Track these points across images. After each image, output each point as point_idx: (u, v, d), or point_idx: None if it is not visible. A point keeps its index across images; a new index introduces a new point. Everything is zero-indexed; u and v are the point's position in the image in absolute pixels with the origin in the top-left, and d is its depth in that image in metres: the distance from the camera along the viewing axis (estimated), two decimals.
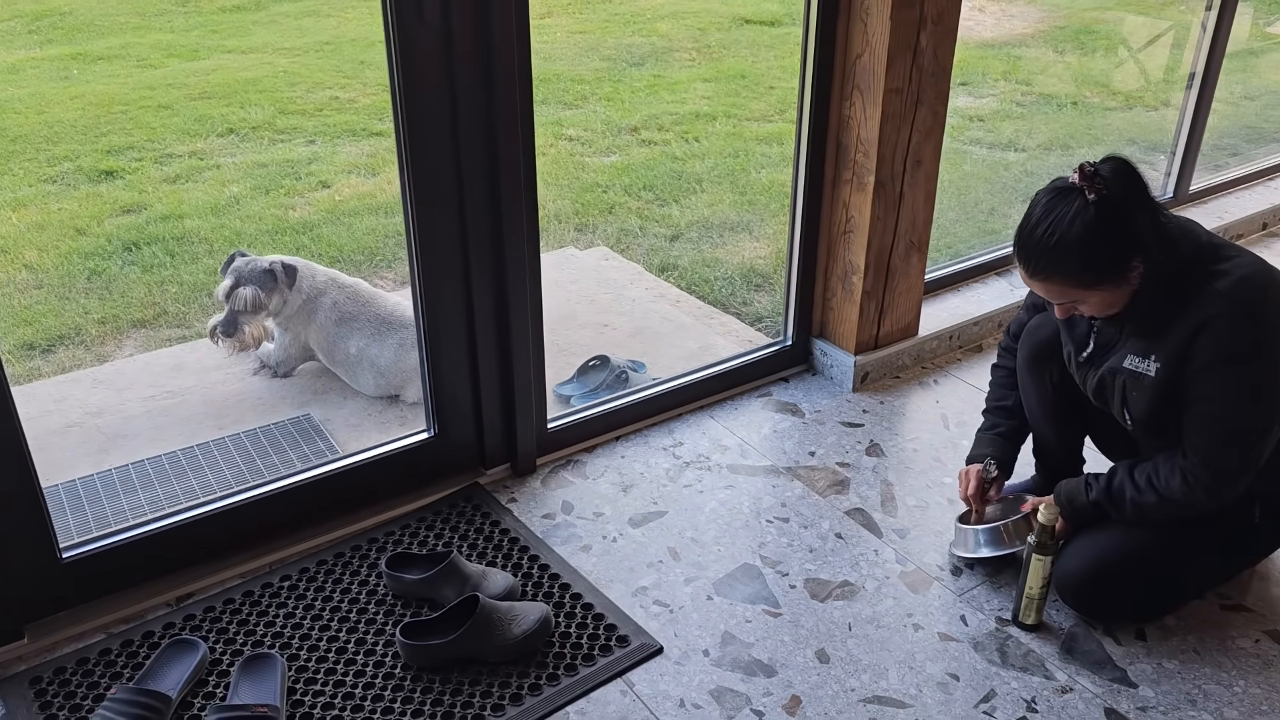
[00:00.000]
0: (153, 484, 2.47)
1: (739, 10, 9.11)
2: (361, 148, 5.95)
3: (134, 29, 8.42)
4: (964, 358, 2.99)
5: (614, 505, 2.38)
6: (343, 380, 2.88)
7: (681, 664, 1.96)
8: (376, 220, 4.93)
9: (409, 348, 2.75)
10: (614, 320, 3.29)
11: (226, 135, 6.13)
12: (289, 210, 5.08)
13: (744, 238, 4.61)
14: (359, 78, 7.31)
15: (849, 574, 2.19)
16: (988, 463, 2.18)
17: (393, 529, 2.29)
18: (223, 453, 2.58)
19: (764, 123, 6.28)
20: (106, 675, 1.92)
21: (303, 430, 2.68)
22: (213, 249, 4.52)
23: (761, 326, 3.53)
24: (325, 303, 2.82)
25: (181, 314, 3.84)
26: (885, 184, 2.58)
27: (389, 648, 1.99)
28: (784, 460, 2.54)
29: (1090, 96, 6.52)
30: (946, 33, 2.50)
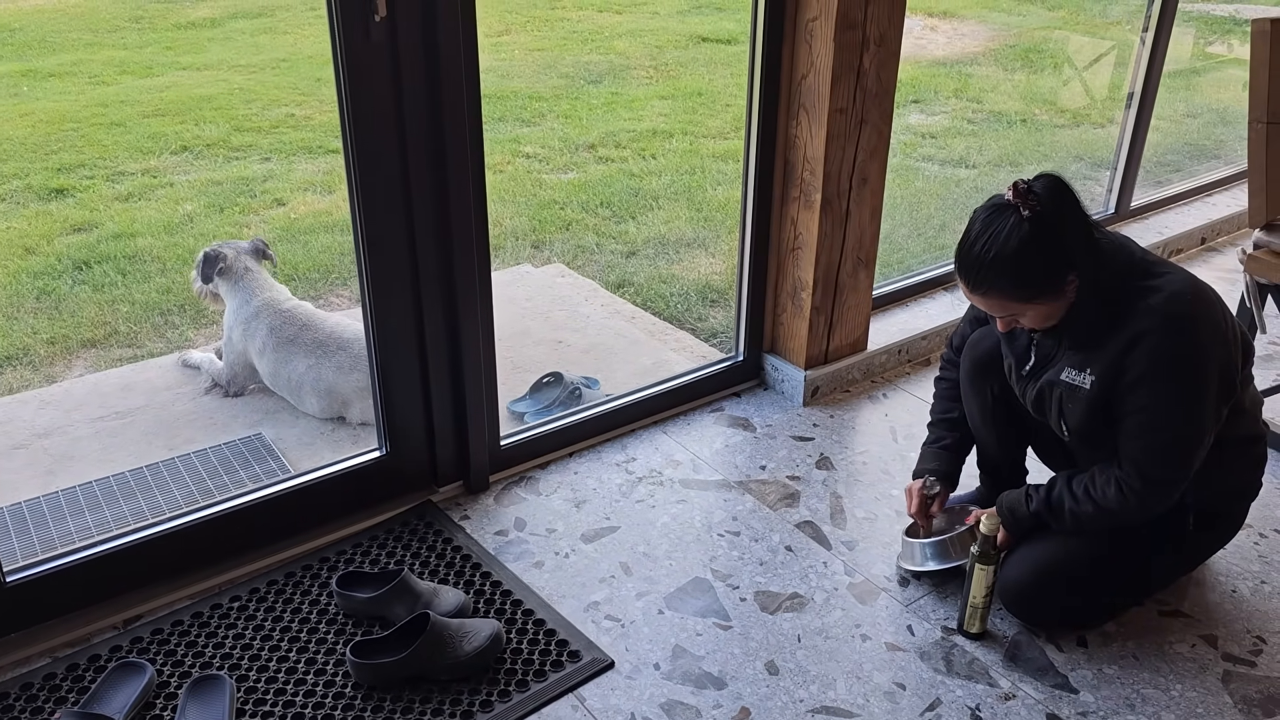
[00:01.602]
0: (100, 506, 2.44)
1: (696, 28, 9.20)
2: (317, 165, 5.94)
3: (86, 45, 8.34)
4: (912, 371, 3.04)
5: (566, 521, 2.39)
6: None
7: (632, 678, 1.98)
8: (332, 238, 4.92)
9: (349, 369, 2.75)
10: (568, 337, 3.31)
11: (180, 153, 6.09)
12: (243, 228, 5.06)
13: (700, 254, 4.65)
14: (315, 95, 7.29)
15: (798, 586, 2.21)
16: (928, 480, 2.22)
17: (344, 548, 2.29)
18: (173, 473, 2.57)
19: (720, 140, 6.34)
20: (51, 699, 1.90)
21: (254, 450, 2.66)
22: (165, 267, 4.49)
23: (716, 342, 3.56)
24: (262, 328, 2.82)
25: (133, 333, 3.81)
26: (832, 201, 2.63)
27: (339, 667, 1.98)
28: (735, 474, 2.57)
29: (1039, 114, 6.65)
30: (889, 55, 2.55)
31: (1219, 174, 4.36)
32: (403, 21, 1.99)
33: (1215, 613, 2.14)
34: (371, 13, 1.95)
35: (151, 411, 2.86)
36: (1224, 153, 5.82)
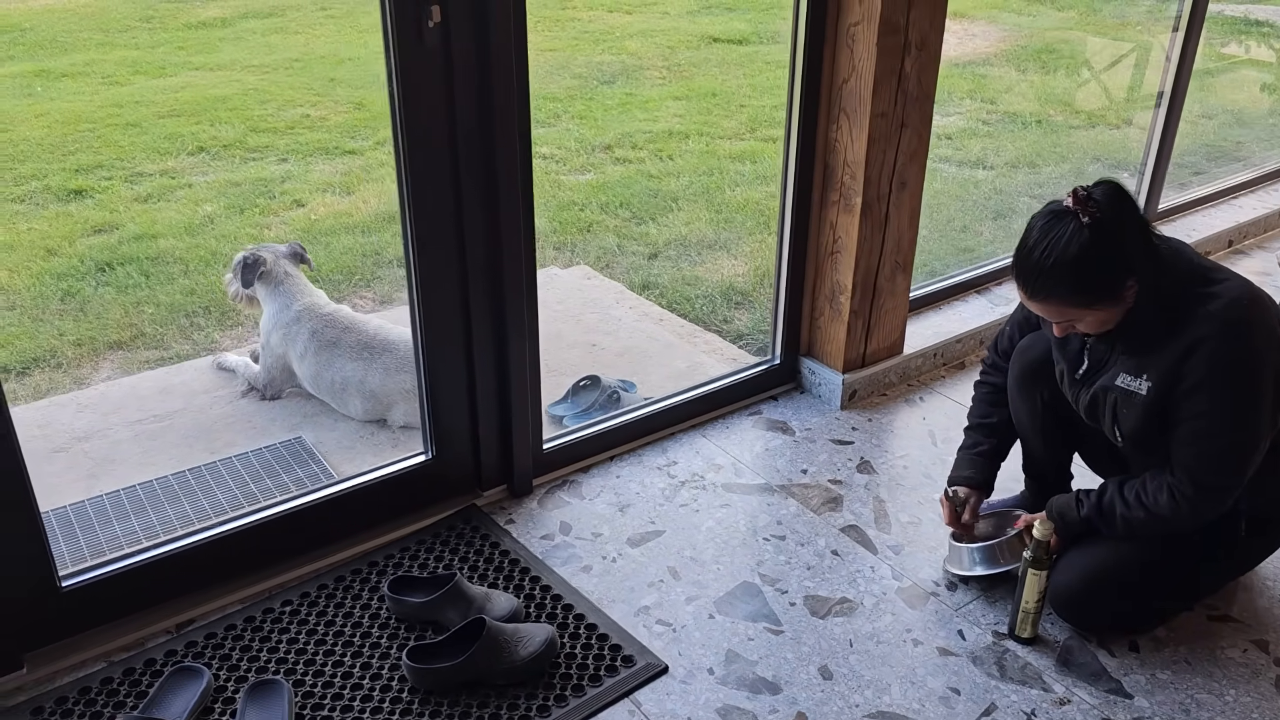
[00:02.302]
0: (145, 510, 2.45)
1: (707, 29, 9.19)
2: (335, 166, 5.94)
3: (98, 45, 8.34)
4: (947, 375, 3.04)
5: (612, 525, 2.40)
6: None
7: (687, 683, 1.98)
8: (354, 239, 4.92)
9: (395, 371, 2.76)
10: (601, 340, 3.31)
11: (197, 154, 6.09)
12: (264, 229, 5.05)
13: (722, 256, 4.66)
14: (330, 95, 7.29)
15: (847, 590, 2.22)
16: (954, 491, 2.23)
17: (392, 551, 2.29)
18: (215, 477, 2.57)
19: (736, 140, 6.34)
20: (110, 704, 1.90)
21: (295, 453, 2.67)
22: (188, 269, 4.49)
23: (743, 344, 3.57)
24: (303, 332, 2.82)
25: (159, 335, 3.81)
26: (872, 205, 2.63)
27: (394, 671, 1.99)
28: (777, 478, 2.57)
29: (1054, 115, 6.65)
30: (930, 59, 2.55)
31: (1244, 176, 4.36)
32: (456, 27, 1.99)
33: (1265, 618, 2.15)
34: (425, 18, 1.95)
35: (190, 415, 2.87)
36: (1243, 154, 5.82)
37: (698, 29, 9.14)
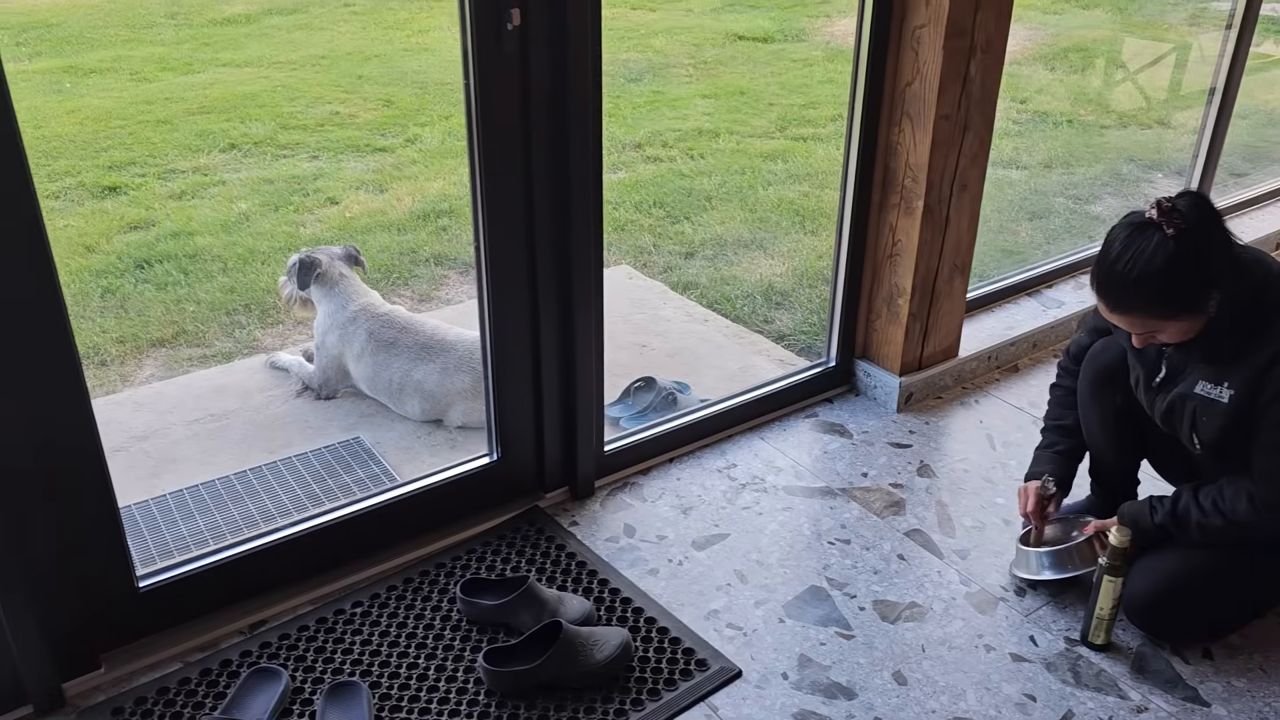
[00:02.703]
0: (209, 509, 2.46)
1: (731, 26, 9.18)
2: (366, 163, 5.95)
3: (124, 42, 8.36)
4: (1002, 378, 3.04)
5: (675, 528, 2.40)
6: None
7: (762, 688, 1.98)
8: (389, 238, 4.93)
9: (454, 371, 2.76)
10: (651, 340, 3.31)
11: (229, 151, 6.10)
12: (300, 227, 5.06)
13: (759, 255, 4.65)
14: (358, 92, 7.30)
15: (915, 595, 2.22)
16: (1046, 479, 2.22)
17: (458, 553, 2.30)
18: (276, 477, 2.58)
19: (766, 139, 6.33)
20: (188, 705, 1.91)
21: (354, 453, 2.67)
22: (226, 266, 4.50)
23: (786, 344, 3.57)
24: (360, 333, 2.83)
25: (201, 333, 3.82)
26: (933, 208, 2.62)
27: (470, 674, 1.99)
28: (838, 481, 2.57)
29: (1085, 115, 6.63)
30: (994, 61, 2.55)
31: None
32: (534, 30, 1.99)
33: None
34: (505, 22, 1.95)
35: (246, 414, 2.87)
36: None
37: (722, 26, 9.13)
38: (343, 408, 2.91)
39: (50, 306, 1.69)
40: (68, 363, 1.73)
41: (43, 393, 1.72)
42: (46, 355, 1.71)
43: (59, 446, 1.77)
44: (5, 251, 1.62)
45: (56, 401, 1.74)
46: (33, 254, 1.65)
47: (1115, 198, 5.23)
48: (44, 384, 1.72)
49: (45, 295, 1.68)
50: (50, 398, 1.73)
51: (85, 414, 1.79)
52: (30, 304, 1.67)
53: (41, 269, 1.66)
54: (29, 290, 1.66)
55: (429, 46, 8.63)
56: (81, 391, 1.77)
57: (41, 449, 1.75)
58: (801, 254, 4.63)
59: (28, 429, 1.73)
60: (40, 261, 1.65)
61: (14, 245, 1.62)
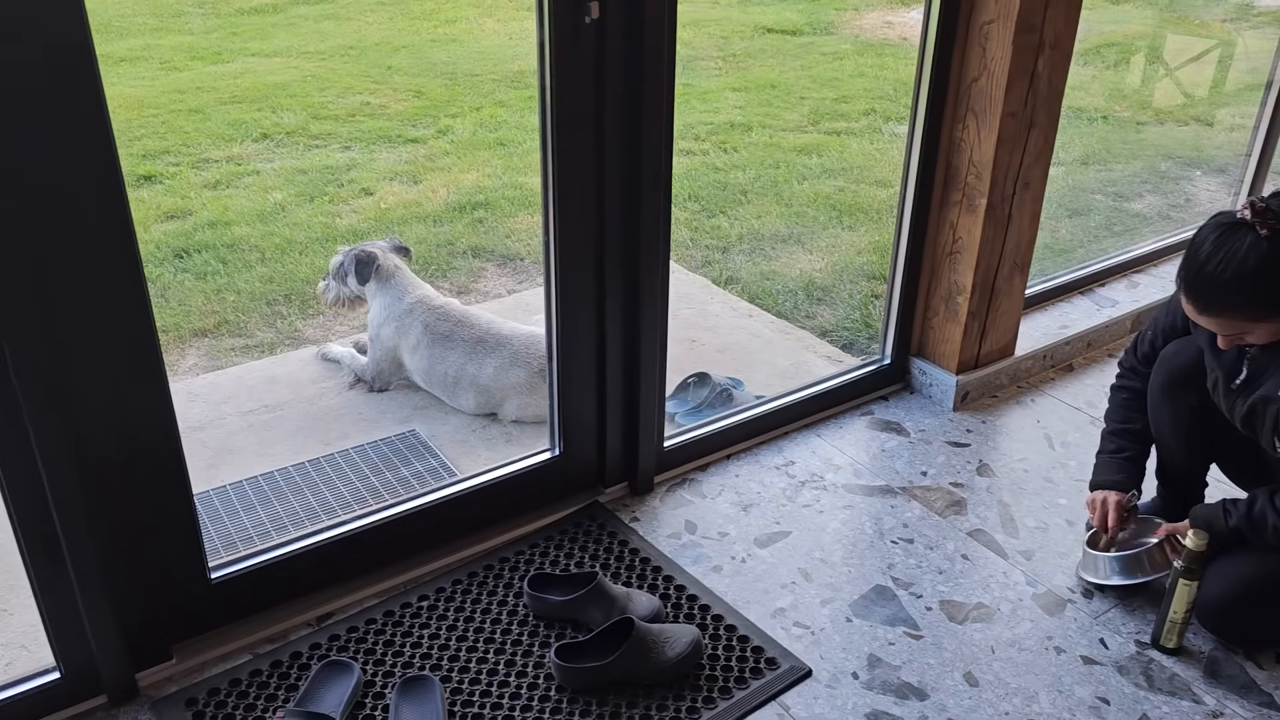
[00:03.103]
0: (270, 501, 2.46)
1: (759, 19, 9.14)
2: (399, 154, 5.94)
3: (152, 30, 8.36)
4: (1056, 377, 3.02)
5: (737, 525, 2.39)
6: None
7: (833, 687, 1.97)
8: (426, 229, 4.93)
9: (509, 366, 2.75)
10: (700, 335, 3.30)
11: (261, 140, 6.10)
12: (335, 218, 5.06)
13: (796, 250, 4.63)
14: (387, 83, 7.30)
15: (982, 596, 2.20)
16: (1132, 493, 2.20)
17: (521, 547, 2.29)
18: (334, 469, 2.57)
19: (799, 133, 6.30)
20: (261, 696, 1.91)
21: (411, 446, 2.67)
22: (264, 256, 4.51)
23: (829, 340, 3.55)
24: (416, 325, 2.82)
25: (242, 323, 3.82)
26: (996, 206, 2.60)
27: (539, 669, 1.99)
28: (898, 480, 2.55)
29: (1120, 111, 6.59)
30: (1062, 57, 2.52)
31: None
32: (611, 24, 1.97)
33: None
34: (584, 15, 1.94)
35: (299, 406, 2.87)
36: None
37: (749, 19, 9.09)
38: (396, 400, 2.91)
39: (136, 297, 1.68)
40: (151, 352, 1.73)
41: (129, 383, 1.72)
42: (132, 345, 1.71)
43: (141, 436, 1.77)
44: (100, 245, 1.61)
45: (140, 392, 1.74)
46: (122, 247, 1.64)
47: (1155, 195, 5.19)
48: (130, 374, 1.72)
49: (132, 286, 1.68)
50: (135, 388, 1.73)
51: (165, 403, 1.79)
52: (119, 295, 1.67)
53: (131, 262, 1.66)
54: (120, 282, 1.65)
55: (456, 37, 8.62)
56: (162, 381, 1.77)
57: (125, 438, 1.75)
58: (840, 250, 4.61)
59: (115, 418, 1.72)
60: (130, 255, 1.65)
61: (107, 239, 1.62)
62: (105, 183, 1.59)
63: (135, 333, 1.70)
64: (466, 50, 8.26)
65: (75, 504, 1.70)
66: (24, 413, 1.60)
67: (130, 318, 1.69)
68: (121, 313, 1.67)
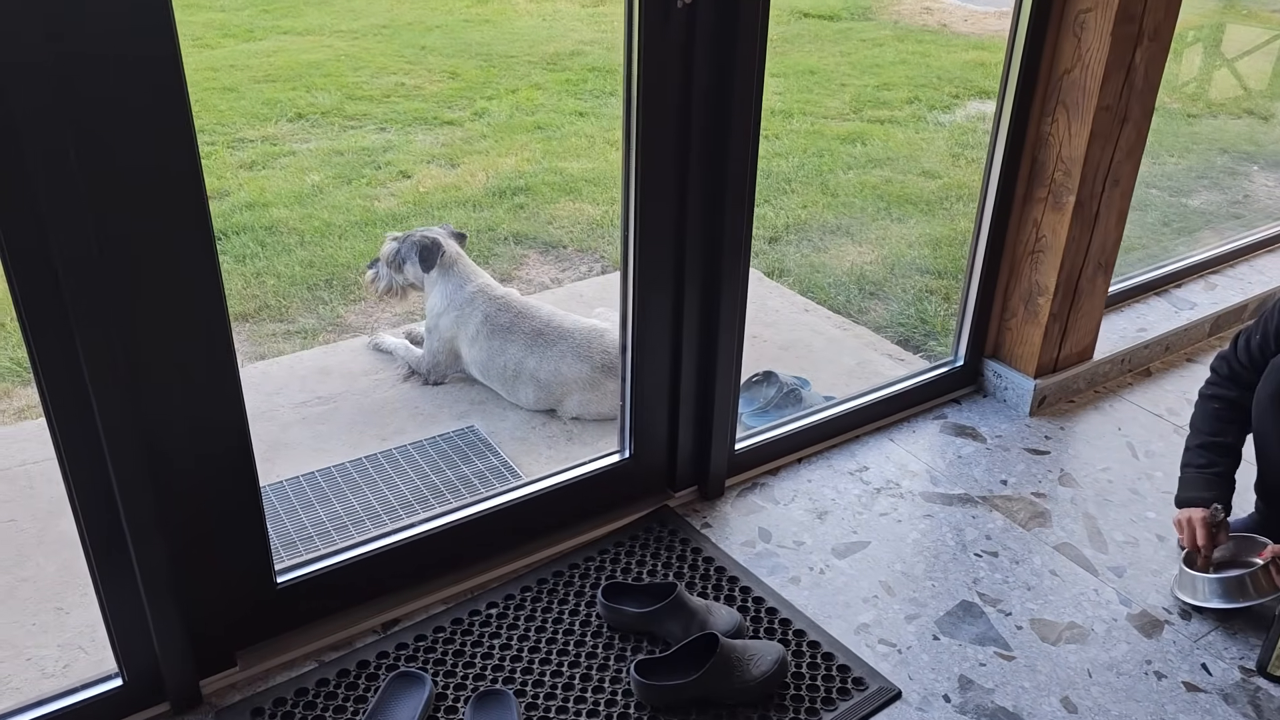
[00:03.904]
0: (328, 498, 2.38)
1: (797, 3, 8.99)
2: (435, 137, 5.85)
3: (183, 6, 8.20)
4: (1133, 382, 2.91)
5: (813, 534, 2.30)
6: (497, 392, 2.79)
7: (924, 710, 1.88)
8: (465, 214, 4.84)
9: (572, 359, 2.66)
10: (761, 331, 3.20)
11: (296, 120, 6.02)
12: (373, 201, 4.98)
13: (845, 242, 4.53)
14: (422, 63, 7.20)
15: (1074, 615, 2.11)
16: (1215, 508, 2.10)
17: (590, 553, 2.21)
18: (393, 465, 2.49)
19: (842, 121, 6.18)
20: (329, 708, 1.83)
21: (470, 443, 2.58)
22: (303, 240, 4.43)
23: (885, 334, 3.45)
24: (476, 316, 2.73)
25: (283, 307, 3.75)
26: (1084, 203, 2.49)
27: (616, 684, 1.90)
28: (977, 489, 2.46)
29: (1170, 103, 6.43)
30: (1160, 49, 2.41)
31: None
32: (702, 12, 1.87)
33: None
34: (675, 0, 1.84)
35: (353, 398, 2.79)
36: None
37: (787, 2, 8.94)
38: (452, 394, 2.82)
39: (210, 282, 1.59)
40: (223, 337, 1.64)
41: (203, 370, 1.63)
42: (208, 329, 1.62)
43: (212, 427, 1.68)
44: (179, 231, 1.53)
45: (212, 380, 1.65)
46: (200, 232, 1.55)
47: (1212, 191, 5.06)
48: (205, 360, 1.63)
49: (208, 272, 1.59)
50: (207, 376, 1.64)
51: (236, 393, 1.70)
52: (195, 281, 1.58)
53: (207, 247, 1.57)
54: (197, 267, 1.57)
55: (489, 18, 8.51)
56: (233, 369, 1.67)
57: (196, 429, 1.66)
58: (890, 242, 4.50)
59: (186, 407, 1.64)
60: (205, 240, 1.56)
61: (185, 224, 1.53)
62: (182, 150, 1.50)
63: (210, 316, 1.61)
64: (500, 31, 8.14)
65: (144, 498, 1.61)
66: (93, 402, 1.51)
67: (206, 301, 1.59)
68: (197, 295, 1.58)
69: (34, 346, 1.46)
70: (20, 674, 1.90)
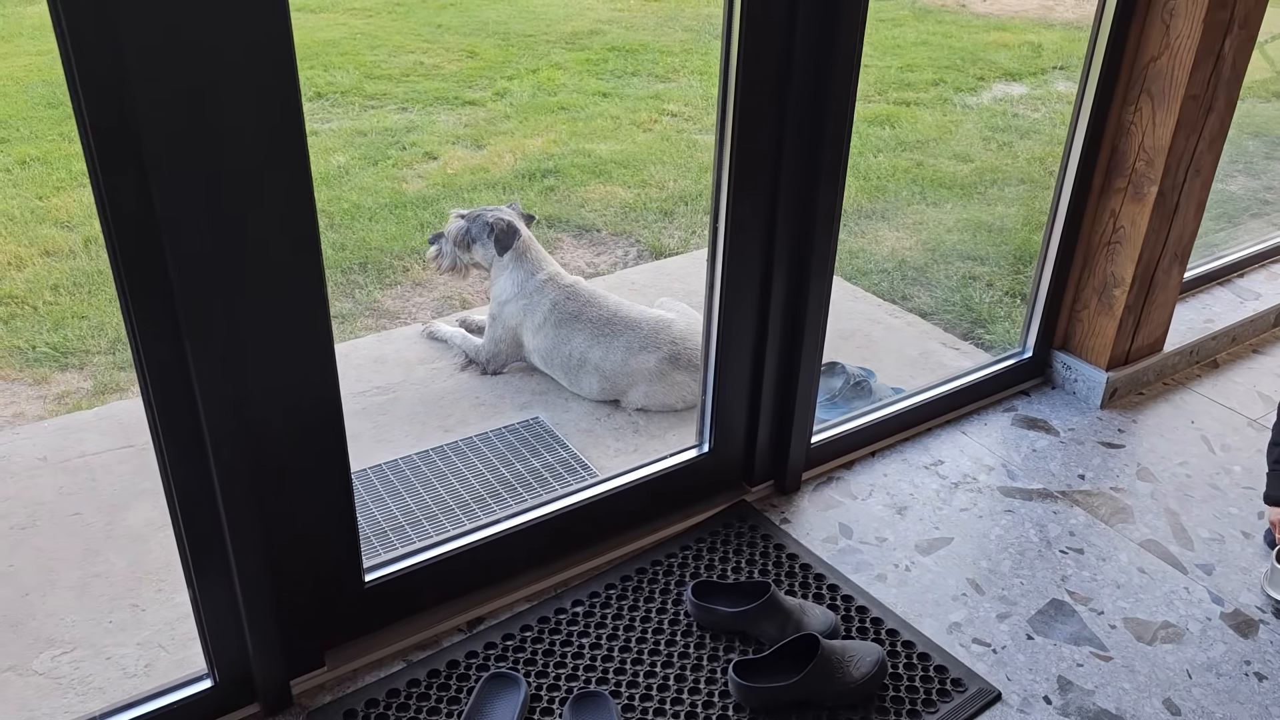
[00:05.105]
0: (398, 492, 2.33)
1: None
2: (458, 117, 5.78)
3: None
4: (1202, 374, 2.87)
5: (894, 530, 2.26)
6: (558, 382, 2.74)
7: (1025, 712, 1.85)
8: (495, 196, 4.78)
9: (637, 351, 2.61)
10: None
11: (316, 100, 5.94)
12: (401, 183, 4.91)
13: (882, 226, 4.48)
14: (439, 42, 7.11)
15: (1166, 614, 2.07)
16: None
17: (672, 549, 2.17)
18: (461, 458, 2.44)
19: (866, 103, 6.11)
20: (422, 710, 1.79)
21: (537, 435, 2.54)
22: (334, 222, 4.37)
23: (934, 321, 3.41)
24: (545, 303, 2.67)
25: None
26: (1166, 194, 2.45)
27: (712, 685, 1.87)
28: (1055, 483, 2.42)
29: None
30: (1248, 38, 2.36)
31: None
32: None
33: None
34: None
35: (412, 388, 2.74)
36: None
37: None
38: (513, 384, 2.77)
39: (312, 263, 1.54)
40: (322, 321, 1.58)
41: (298, 350, 1.57)
42: (308, 312, 1.56)
43: (307, 417, 1.62)
44: (286, 208, 1.47)
45: (308, 364, 1.59)
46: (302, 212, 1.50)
47: (1247, 176, 5.01)
48: (303, 344, 1.57)
49: (309, 260, 1.53)
50: (304, 361, 1.58)
51: (332, 379, 1.64)
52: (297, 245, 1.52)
53: (308, 225, 1.51)
54: (299, 233, 1.51)
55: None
56: (329, 352, 1.62)
57: (291, 414, 1.61)
58: (928, 227, 4.45)
59: (283, 394, 1.58)
60: (307, 217, 1.51)
61: (290, 201, 1.47)
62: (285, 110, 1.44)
63: (309, 287, 1.55)
64: (516, 8, 8.05)
65: (244, 491, 1.56)
66: (196, 389, 1.46)
67: (305, 278, 1.53)
68: (296, 273, 1.52)
69: (134, 318, 1.39)
70: (102, 674, 1.86)
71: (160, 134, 1.30)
